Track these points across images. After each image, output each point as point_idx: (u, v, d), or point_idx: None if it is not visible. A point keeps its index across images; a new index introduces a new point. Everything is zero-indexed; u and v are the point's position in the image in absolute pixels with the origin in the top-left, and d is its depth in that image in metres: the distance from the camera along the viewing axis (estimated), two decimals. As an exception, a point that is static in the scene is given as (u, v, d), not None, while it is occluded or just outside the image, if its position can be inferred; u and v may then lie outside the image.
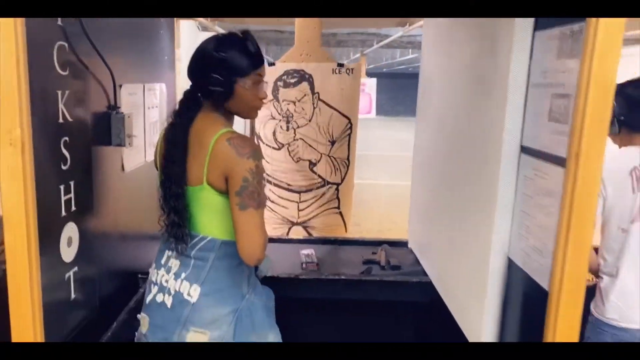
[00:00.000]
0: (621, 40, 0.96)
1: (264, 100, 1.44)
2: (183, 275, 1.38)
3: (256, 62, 1.38)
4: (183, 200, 1.35)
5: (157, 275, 1.44)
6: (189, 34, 3.28)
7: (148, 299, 1.45)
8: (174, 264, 1.41)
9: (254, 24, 6.13)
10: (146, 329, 1.42)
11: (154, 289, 1.43)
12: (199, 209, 1.36)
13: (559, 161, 1.08)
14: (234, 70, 1.34)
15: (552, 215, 1.10)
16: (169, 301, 1.38)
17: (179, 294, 1.37)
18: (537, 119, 1.20)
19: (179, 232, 1.36)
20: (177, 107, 1.40)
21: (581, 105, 0.99)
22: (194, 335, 1.35)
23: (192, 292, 1.36)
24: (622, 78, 1.70)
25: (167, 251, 1.44)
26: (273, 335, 1.50)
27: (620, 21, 0.95)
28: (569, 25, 1.06)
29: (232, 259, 1.37)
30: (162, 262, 1.44)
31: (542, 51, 1.18)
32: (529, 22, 1.21)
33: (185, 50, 3.02)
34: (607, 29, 0.95)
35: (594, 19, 0.96)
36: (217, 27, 5.82)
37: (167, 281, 1.40)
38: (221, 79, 1.33)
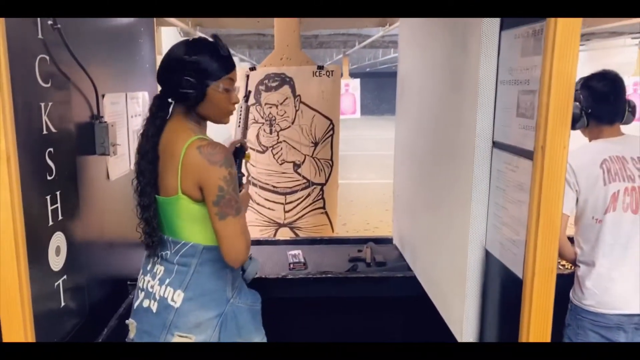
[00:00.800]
0: (579, 36, 1.02)
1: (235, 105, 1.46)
2: (167, 281, 1.40)
3: (228, 66, 1.38)
4: (152, 211, 1.38)
5: (143, 281, 1.47)
6: (171, 41, 3.30)
7: (135, 304, 1.48)
8: (159, 269, 1.43)
9: (235, 28, 6.14)
10: (133, 334, 1.45)
11: (141, 295, 1.46)
12: (178, 217, 1.38)
13: (527, 154, 1.13)
14: (206, 73, 1.34)
15: (523, 206, 1.15)
16: (154, 307, 1.40)
17: (163, 299, 1.40)
18: (506, 115, 1.25)
19: (150, 241, 1.40)
20: (147, 116, 1.41)
21: (544, 100, 1.04)
22: (179, 340, 1.37)
23: (176, 298, 1.38)
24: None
25: (152, 257, 1.46)
26: (258, 339, 1.52)
27: (578, 19, 1.01)
28: (531, 25, 1.11)
29: (215, 264, 1.40)
30: (148, 268, 1.47)
31: (508, 50, 1.24)
32: (496, 22, 1.26)
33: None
34: (565, 27, 1.01)
35: (553, 18, 1.01)
36: (198, 32, 5.80)
37: (152, 287, 1.43)
38: (193, 81, 1.33)
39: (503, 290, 1.31)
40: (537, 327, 1.14)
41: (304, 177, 2.78)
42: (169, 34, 3.60)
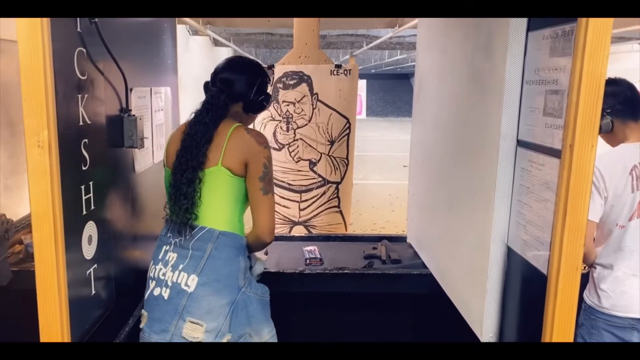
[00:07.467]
0: (610, 38, 1.04)
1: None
2: (181, 266, 1.43)
3: None
4: (195, 187, 1.42)
5: (154, 270, 1.49)
6: (179, 38, 3.32)
7: (147, 294, 1.50)
8: (172, 256, 1.46)
9: (244, 27, 6.17)
10: (144, 324, 1.47)
11: (152, 284, 1.48)
12: (206, 193, 1.43)
13: (554, 153, 1.16)
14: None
15: (549, 203, 1.18)
16: (166, 293, 1.43)
17: (176, 284, 1.42)
18: (532, 114, 1.27)
19: (186, 217, 1.42)
20: (203, 109, 1.50)
21: (574, 100, 1.07)
22: (190, 326, 1.39)
23: (190, 282, 1.41)
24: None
25: (164, 246, 1.50)
26: (268, 330, 1.54)
27: (609, 20, 1.03)
28: (561, 26, 1.14)
29: (230, 250, 1.44)
30: (160, 257, 1.50)
31: (535, 50, 1.26)
32: (523, 23, 1.29)
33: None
34: (596, 28, 1.03)
35: (584, 19, 1.04)
36: (209, 30, 5.83)
37: (164, 274, 1.45)
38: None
39: (525, 287, 1.33)
40: (560, 323, 1.16)
41: (320, 175, 2.81)
42: (178, 32, 3.62)
